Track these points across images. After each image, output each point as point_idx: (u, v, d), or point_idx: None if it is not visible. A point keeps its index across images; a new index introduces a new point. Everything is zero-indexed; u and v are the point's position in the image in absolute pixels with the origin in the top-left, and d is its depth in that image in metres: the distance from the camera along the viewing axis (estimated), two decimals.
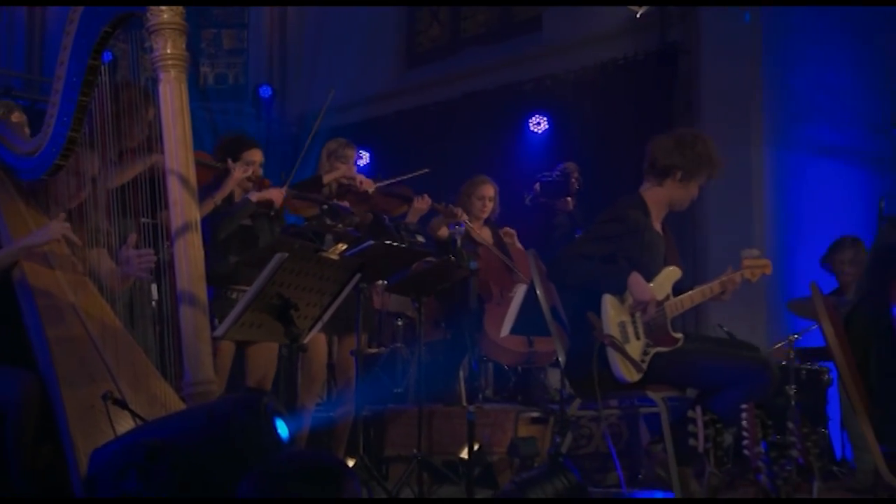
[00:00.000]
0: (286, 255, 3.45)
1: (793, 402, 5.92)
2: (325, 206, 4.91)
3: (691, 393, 4.52)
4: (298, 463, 2.06)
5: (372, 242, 4.62)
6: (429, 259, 5.42)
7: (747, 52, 7.55)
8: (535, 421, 5.81)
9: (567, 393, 5.06)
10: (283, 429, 2.60)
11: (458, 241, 5.12)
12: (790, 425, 2.86)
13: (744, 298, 5.00)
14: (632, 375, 4.32)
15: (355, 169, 5.57)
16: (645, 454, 5.43)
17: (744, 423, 2.84)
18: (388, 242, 4.81)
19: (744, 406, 2.82)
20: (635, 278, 4.34)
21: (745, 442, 2.80)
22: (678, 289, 4.56)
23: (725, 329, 6.16)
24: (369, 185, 5.47)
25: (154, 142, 3.33)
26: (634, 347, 4.35)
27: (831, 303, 3.39)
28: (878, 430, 3.10)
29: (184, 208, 3.23)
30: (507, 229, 6.38)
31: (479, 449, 5.38)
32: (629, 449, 5.63)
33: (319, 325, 3.81)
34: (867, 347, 3.13)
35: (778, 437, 3.51)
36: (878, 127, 7.96)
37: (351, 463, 4.52)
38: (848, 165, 7.61)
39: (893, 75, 8.13)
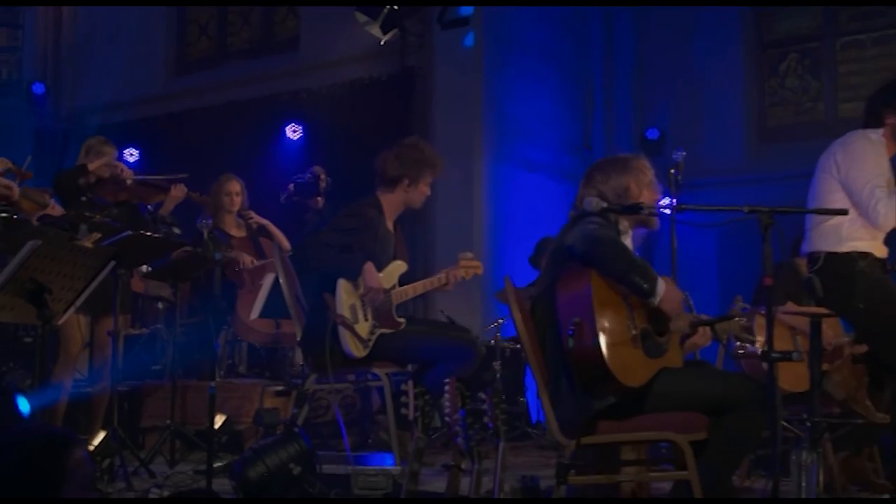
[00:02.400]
0: (38, 242, 3.26)
1: (497, 375, 6.20)
2: (85, 199, 4.65)
3: (413, 368, 4.63)
4: (28, 433, 1.95)
5: (129, 233, 4.43)
6: (186, 249, 5.26)
7: (471, 81, 7.82)
8: (279, 394, 5.78)
9: (307, 369, 5.05)
10: (23, 404, 2.45)
11: (205, 234, 4.98)
12: (482, 395, 2.98)
13: (464, 288, 5.18)
14: (359, 352, 4.37)
15: None
16: (373, 422, 5.52)
17: (446, 394, 2.93)
18: (143, 233, 4.62)
19: (447, 380, 2.91)
20: (369, 267, 4.39)
21: (447, 410, 2.89)
22: (404, 280, 4.66)
23: (446, 314, 6.36)
24: (128, 176, 5.21)
25: None
26: (363, 327, 4.40)
27: (524, 293, 3.55)
28: (552, 399, 3.28)
29: None
30: (247, 211, 6.30)
31: (227, 419, 5.30)
32: (361, 417, 5.69)
33: (73, 308, 3.62)
34: (545, 331, 3.30)
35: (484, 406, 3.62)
36: (574, 147, 8.48)
37: (102, 434, 4.32)
38: (550, 179, 8.03)
39: (587, 106, 8.68)
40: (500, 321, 6.40)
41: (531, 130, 8.07)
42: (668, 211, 4.89)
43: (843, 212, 3.53)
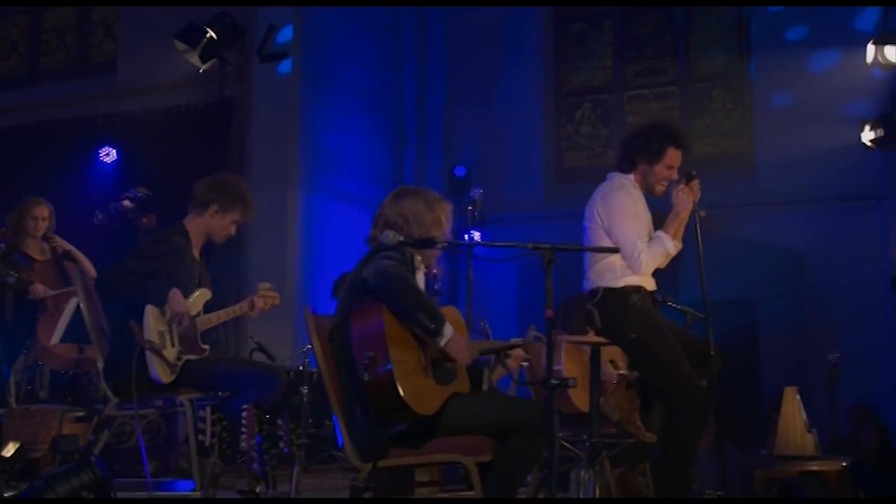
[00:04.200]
0: None
1: (304, 400, 6.11)
2: None
3: (218, 395, 4.49)
4: None
5: None
6: None
7: (288, 113, 7.76)
8: (80, 419, 5.46)
9: (109, 395, 4.81)
10: None
11: None
12: (279, 422, 2.94)
13: (275, 315, 5.11)
14: (167, 377, 4.21)
15: None
16: (177, 447, 5.31)
17: (243, 420, 2.88)
18: None
19: (244, 406, 2.85)
20: (175, 294, 4.25)
21: (243, 436, 2.83)
22: (209, 308, 4.54)
23: (256, 340, 6.21)
24: None
25: None
26: (170, 353, 4.25)
27: (329, 321, 3.54)
28: (348, 425, 3.28)
29: None
30: (52, 236, 5.98)
31: (21, 446, 4.96)
32: (166, 443, 5.47)
33: None
34: (341, 359, 3.30)
35: (280, 432, 3.56)
36: (386, 181, 8.57)
37: None
38: (362, 211, 8.05)
39: (399, 142, 8.82)
40: (309, 347, 6.32)
41: (345, 163, 8.11)
42: (462, 245, 4.99)
43: (615, 249, 3.75)
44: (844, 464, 4.35)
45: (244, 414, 2.86)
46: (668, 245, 3.96)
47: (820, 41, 7.91)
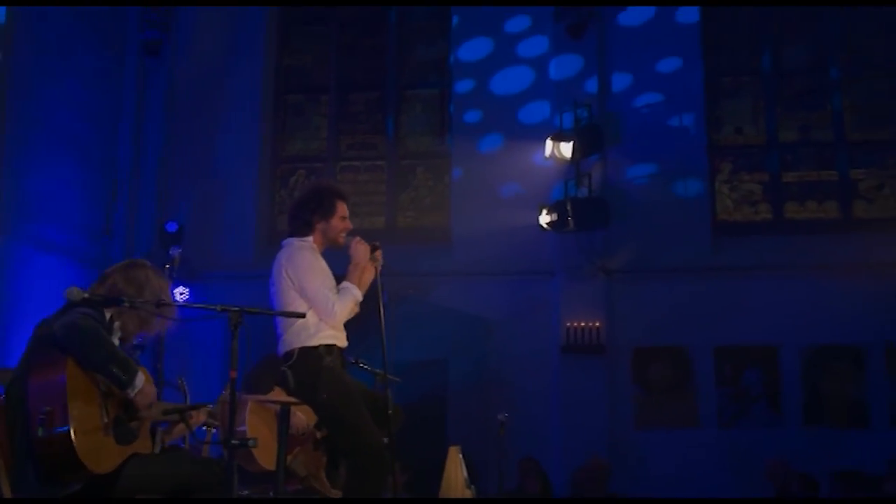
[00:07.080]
0: None
1: None
2: None
3: None
4: None
5: None
6: None
7: None
8: None
9: None
10: None
11: None
12: None
13: None
14: None
15: None
16: None
17: None
18: None
19: None
20: None
21: None
22: None
23: None
24: None
25: None
26: None
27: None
28: (17, 485, 3.13)
29: None
30: None
31: None
32: None
33: None
34: (16, 413, 3.16)
35: None
36: (94, 233, 8.22)
37: None
38: (66, 262, 7.67)
39: (110, 195, 8.51)
40: None
41: (50, 212, 7.68)
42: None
43: (302, 315, 3.91)
44: None
45: None
46: (356, 293, 4.19)
47: (498, 128, 8.71)
